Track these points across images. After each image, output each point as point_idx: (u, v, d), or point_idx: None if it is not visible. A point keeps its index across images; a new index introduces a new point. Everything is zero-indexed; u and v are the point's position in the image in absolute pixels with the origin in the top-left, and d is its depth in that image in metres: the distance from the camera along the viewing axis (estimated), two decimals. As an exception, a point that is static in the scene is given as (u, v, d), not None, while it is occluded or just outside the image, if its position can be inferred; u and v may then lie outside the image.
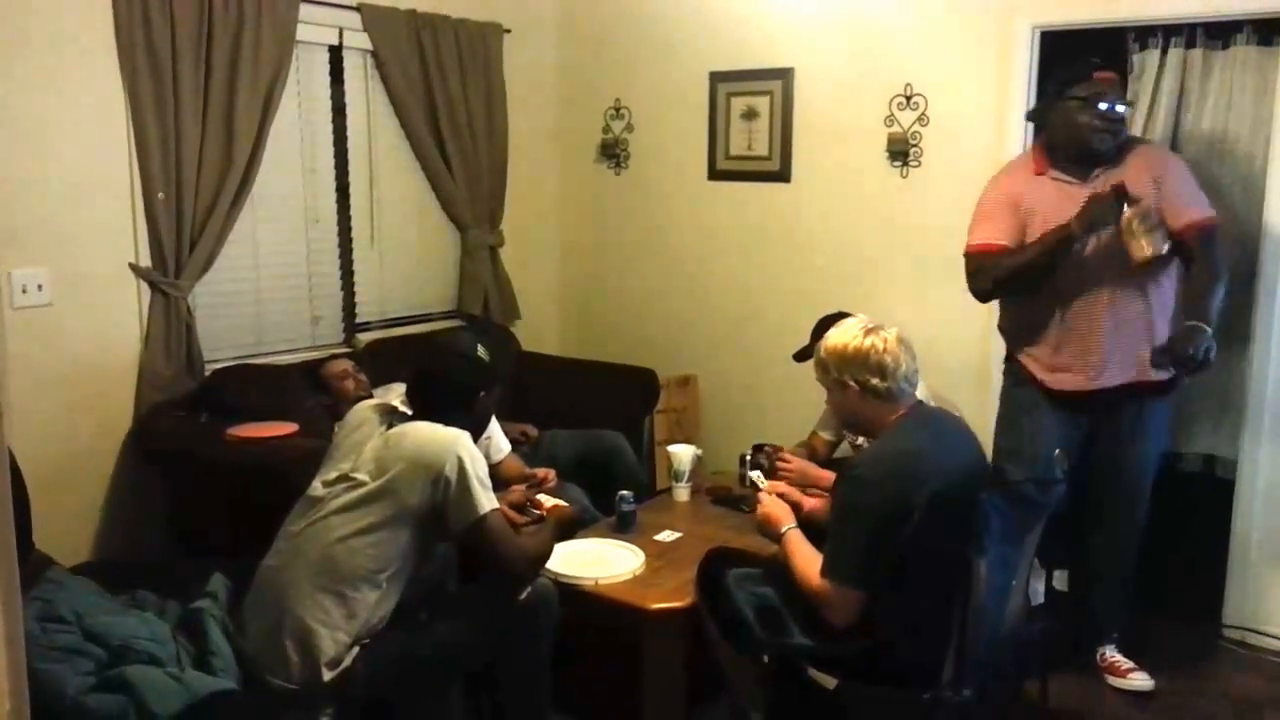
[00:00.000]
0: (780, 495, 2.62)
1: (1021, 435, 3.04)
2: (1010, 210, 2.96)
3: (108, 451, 3.29)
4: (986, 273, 2.99)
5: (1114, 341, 2.89)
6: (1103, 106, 2.84)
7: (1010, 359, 3.16)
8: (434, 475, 2.24)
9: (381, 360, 3.75)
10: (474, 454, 2.30)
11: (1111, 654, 3.11)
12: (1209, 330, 2.69)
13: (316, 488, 2.36)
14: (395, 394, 2.85)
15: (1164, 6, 3.31)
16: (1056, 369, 2.98)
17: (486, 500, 2.28)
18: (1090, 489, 3.01)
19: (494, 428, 3.30)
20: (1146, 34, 3.48)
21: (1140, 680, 3.04)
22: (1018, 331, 3.09)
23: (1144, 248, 2.73)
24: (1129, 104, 2.90)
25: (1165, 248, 2.75)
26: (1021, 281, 2.94)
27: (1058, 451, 2.44)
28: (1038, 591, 3.24)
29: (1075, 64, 2.95)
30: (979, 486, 2.13)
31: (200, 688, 2.10)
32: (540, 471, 3.11)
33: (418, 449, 2.27)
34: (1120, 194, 2.75)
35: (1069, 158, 2.94)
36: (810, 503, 2.64)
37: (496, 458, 3.26)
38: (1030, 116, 3.23)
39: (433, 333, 4.22)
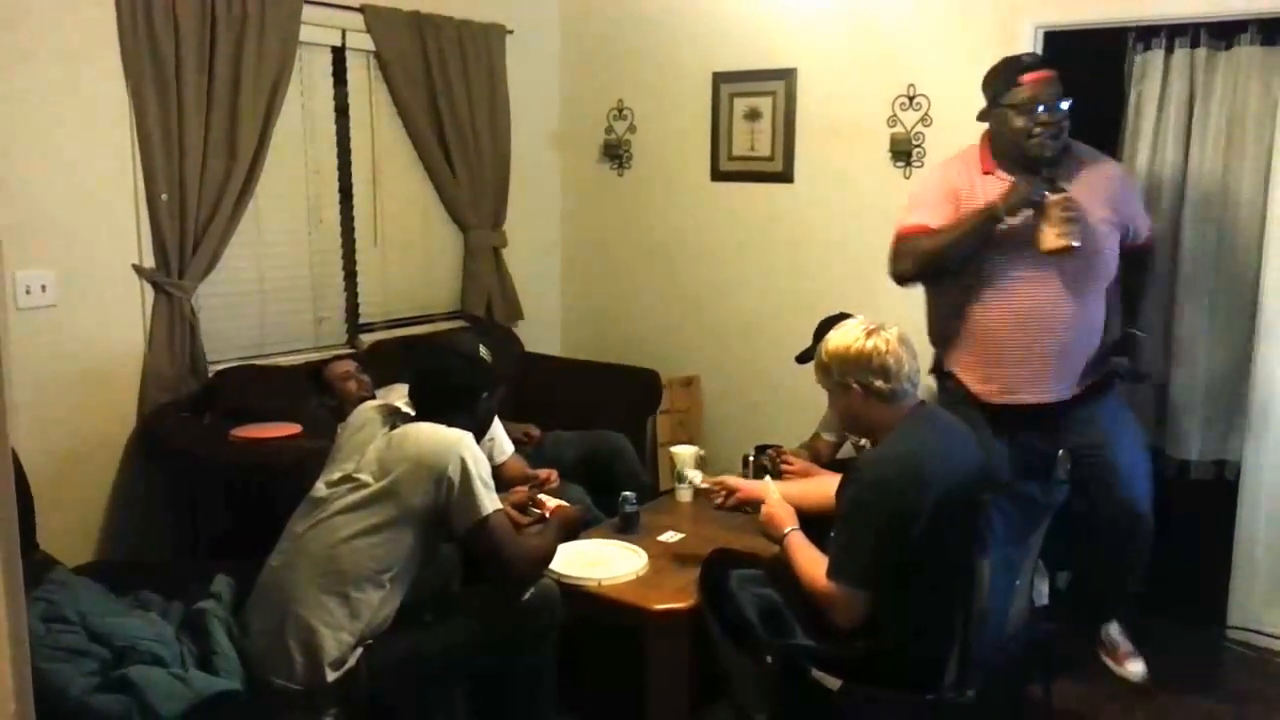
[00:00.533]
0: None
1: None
2: (950, 201, 2.86)
3: (111, 452, 3.30)
4: (907, 254, 2.88)
5: (1058, 351, 2.80)
6: (1039, 110, 2.75)
7: (939, 371, 3.01)
8: (437, 476, 2.24)
9: (385, 361, 3.75)
10: (477, 455, 2.30)
11: (1115, 634, 3.08)
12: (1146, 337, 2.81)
13: (320, 488, 2.36)
14: (398, 395, 2.85)
15: (1169, 6, 3.31)
16: (990, 380, 2.87)
17: (489, 501, 2.28)
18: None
19: (497, 429, 3.30)
20: (1149, 34, 3.47)
21: (1134, 668, 3.00)
22: (948, 339, 2.96)
23: (1058, 237, 2.66)
24: (1068, 100, 2.78)
25: (1077, 244, 2.68)
26: (944, 262, 2.82)
27: (1061, 452, 2.43)
28: (1041, 593, 3.24)
29: (1004, 68, 2.86)
30: (983, 488, 2.13)
31: (204, 688, 2.11)
32: (543, 472, 3.11)
33: (420, 450, 2.27)
34: (1051, 179, 2.69)
35: (1015, 162, 2.84)
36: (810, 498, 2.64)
37: (500, 459, 3.26)
38: (980, 118, 3.10)
39: (436, 333, 4.22)
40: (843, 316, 2.61)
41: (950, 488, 2.09)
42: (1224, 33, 3.37)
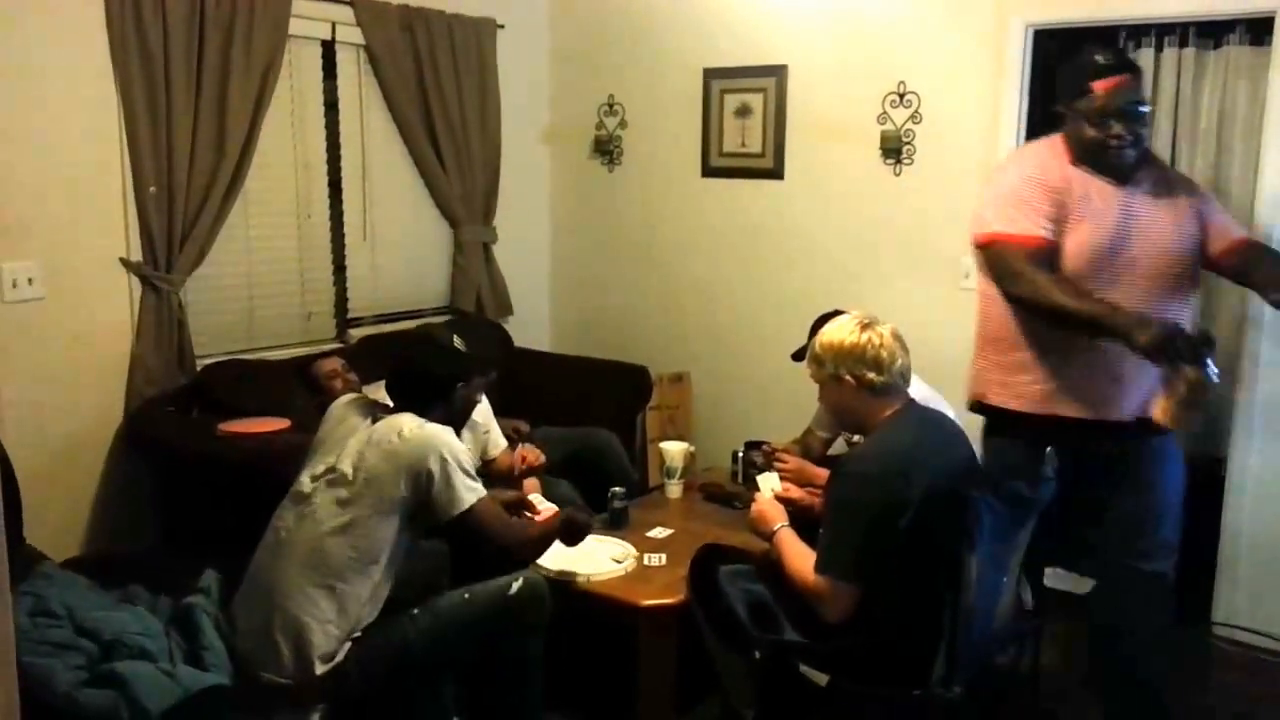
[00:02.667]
0: (785, 496, 2.62)
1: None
2: (1049, 195, 2.47)
3: (99, 446, 3.29)
4: (1025, 279, 2.43)
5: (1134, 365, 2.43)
6: (1113, 124, 2.42)
7: (982, 406, 2.68)
8: (416, 471, 2.25)
9: (374, 356, 3.74)
10: (454, 446, 2.31)
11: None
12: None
13: (303, 482, 2.36)
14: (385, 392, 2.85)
15: (1158, 6, 3.32)
16: (1050, 397, 2.54)
17: (472, 491, 2.29)
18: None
19: (491, 422, 3.31)
20: (1139, 33, 3.49)
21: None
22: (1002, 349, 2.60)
23: (1178, 417, 2.31)
24: (1147, 105, 2.50)
25: (1192, 428, 2.40)
26: (1050, 321, 2.46)
27: (1049, 450, 2.44)
28: (1028, 590, 3.25)
29: (1075, 72, 2.53)
30: (970, 484, 2.14)
31: (192, 683, 2.10)
32: (528, 450, 3.14)
33: (398, 444, 2.28)
34: (1206, 343, 2.28)
35: (1093, 165, 2.51)
36: (811, 501, 2.65)
37: (493, 453, 3.28)
38: (1051, 116, 2.73)
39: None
40: (837, 314, 2.61)
41: (938, 483, 2.10)
42: (1213, 32, 3.39)
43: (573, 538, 2.59)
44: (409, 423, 2.32)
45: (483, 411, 3.22)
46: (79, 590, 2.34)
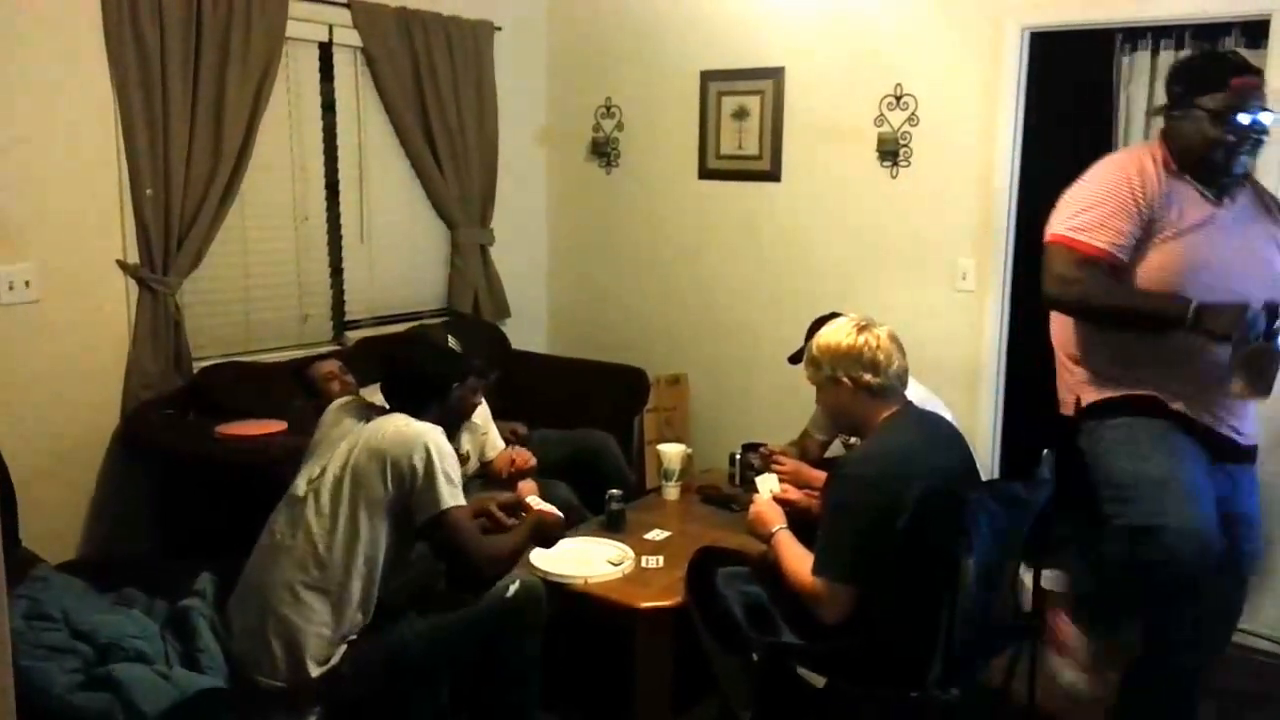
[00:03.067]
0: (783, 498, 2.62)
1: (1158, 462, 2.35)
2: (1138, 206, 2.36)
3: (95, 449, 3.28)
4: (1074, 282, 2.38)
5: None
6: (1243, 120, 2.31)
7: (1103, 403, 2.48)
8: (401, 468, 2.24)
9: (371, 359, 3.73)
10: (443, 448, 2.30)
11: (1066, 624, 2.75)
12: None
13: (299, 485, 2.36)
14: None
15: (1153, 8, 3.33)
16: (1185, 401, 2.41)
17: (450, 496, 2.27)
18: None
19: (490, 425, 3.31)
20: (1136, 36, 3.50)
21: (1070, 676, 2.67)
22: (1124, 360, 2.46)
23: (1249, 389, 2.29)
24: (1272, 112, 2.38)
25: (1264, 398, 2.33)
26: (1107, 323, 2.44)
27: (1045, 451, 2.44)
28: (1025, 591, 3.25)
29: (1208, 65, 2.47)
30: (967, 486, 2.14)
31: (188, 686, 2.10)
32: (517, 453, 3.14)
33: (386, 443, 2.27)
34: (1274, 316, 2.27)
35: (1194, 170, 2.41)
36: (809, 503, 2.65)
37: (490, 454, 3.28)
38: (1153, 113, 2.71)
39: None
40: (835, 316, 2.62)
41: (935, 484, 2.10)
42: (1208, 35, 3.40)
43: (546, 542, 2.59)
44: (399, 422, 2.32)
45: (481, 413, 3.22)
46: (75, 593, 2.34)
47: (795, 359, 3.08)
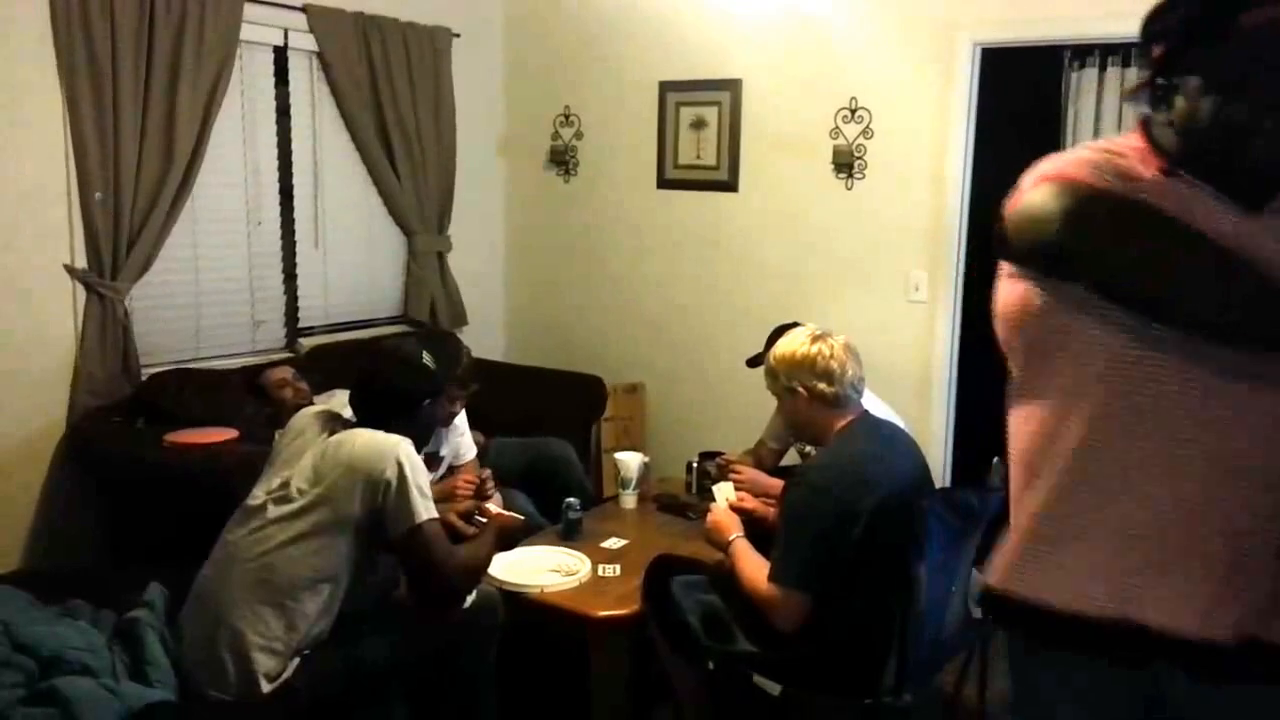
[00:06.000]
0: (741, 506, 2.63)
1: None
2: None
3: (40, 457, 3.21)
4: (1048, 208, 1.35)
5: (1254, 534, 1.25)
6: (1272, 86, 1.24)
7: (1000, 599, 1.39)
8: (373, 481, 2.21)
9: (325, 365, 3.70)
10: (414, 462, 2.28)
11: None
12: None
13: (256, 496, 2.32)
14: (338, 401, 2.81)
15: (1102, 27, 3.40)
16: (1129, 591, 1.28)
17: (424, 509, 2.25)
18: None
19: (465, 430, 3.29)
20: (1084, 53, 3.58)
21: None
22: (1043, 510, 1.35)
23: None
24: None
25: None
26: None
27: (995, 460, 2.48)
28: (977, 598, 3.30)
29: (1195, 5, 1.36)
30: (922, 494, 2.17)
31: (135, 699, 2.05)
32: (482, 472, 3.11)
33: (356, 457, 2.24)
34: None
35: (1214, 166, 1.31)
36: (766, 511, 2.66)
37: (461, 461, 3.26)
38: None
39: (378, 338, 4.17)
40: (795, 325, 2.64)
41: (890, 493, 2.13)
42: (1153, 54, 3.48)
43: (509, 545, 2.62)
44: (367, 435, 2.29)
45: (459, 418, 3.22)
46: (17, 605, 2.28)
47: (753, 362, 3.11)
